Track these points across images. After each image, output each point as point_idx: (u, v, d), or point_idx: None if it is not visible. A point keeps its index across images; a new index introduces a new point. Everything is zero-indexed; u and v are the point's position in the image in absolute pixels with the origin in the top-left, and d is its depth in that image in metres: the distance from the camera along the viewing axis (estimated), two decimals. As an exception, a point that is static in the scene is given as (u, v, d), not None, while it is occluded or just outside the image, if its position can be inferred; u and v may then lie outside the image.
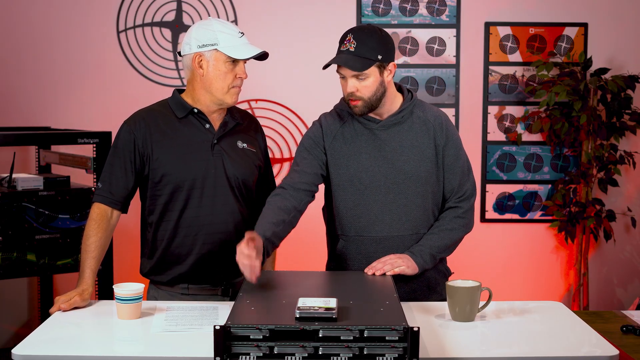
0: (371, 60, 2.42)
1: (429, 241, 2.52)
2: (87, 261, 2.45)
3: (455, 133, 2.59)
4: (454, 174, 2.56)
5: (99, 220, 2.47)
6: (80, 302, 2.33)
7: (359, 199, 2.53)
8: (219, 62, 2.46)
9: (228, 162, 2.52)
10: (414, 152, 2.52)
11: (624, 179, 4.46)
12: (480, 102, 4.41)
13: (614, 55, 4.43)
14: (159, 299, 2.55)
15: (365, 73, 2.42)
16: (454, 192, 2.57)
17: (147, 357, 1.93)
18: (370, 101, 2.46)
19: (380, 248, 2.53)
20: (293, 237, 2.58)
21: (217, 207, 2.51)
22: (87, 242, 2.46)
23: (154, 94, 4.19)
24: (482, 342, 2.10)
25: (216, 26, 2.47)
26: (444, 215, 2.58)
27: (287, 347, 1.80)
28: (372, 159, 2.52)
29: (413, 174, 2.52)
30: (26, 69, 4.35)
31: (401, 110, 2.54)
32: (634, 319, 2.60)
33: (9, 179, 3.45)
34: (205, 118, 2.53)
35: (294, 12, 4.39)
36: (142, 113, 2.55)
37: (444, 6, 4.38)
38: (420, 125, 2.55)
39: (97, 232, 2.46)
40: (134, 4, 4.35)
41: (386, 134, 2.53)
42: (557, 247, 4.51)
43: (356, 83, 2.44)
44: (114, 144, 2.53)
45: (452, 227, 2.55)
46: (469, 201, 2.58)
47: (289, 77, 4.38)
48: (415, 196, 2.53)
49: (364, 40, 2.42)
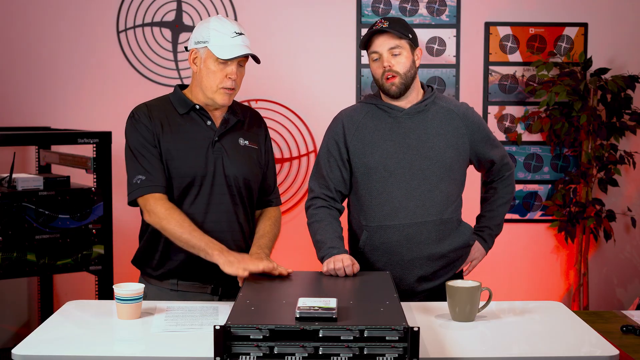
0: (405, 35, 2.57)
1: (492, 221, 2.79)
2: (199, 236, 2.37)
3: (480, 117, 2.74)
4: (489, 150, 2.72)
5: (167, 207, 2.40)
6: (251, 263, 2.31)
7: (383, 187, 2.59)
8: (209, 60, 2.45)
9: (227, 161, 2.51)
10: (439, 139, 2.61)
11: (624, 179, 4.46)
12: (480, 102, 4.42)
13: (614, 55, 4.43)
14: (148, 293, 2.53)
15: (400, 46, 2.57)
16: (496, 165, 2.75)
17: (147, 357, 1.93)
18: (406, 77, 2.59)
19: (403, 237, 2.59)
20: (293, 237, 2.58)
21: (212, 206, 2.50)
22: (176, 229, 2.37)
23: (154, 94, 4.15)
24: (482, 342, 2.10)
25: (212, 24, 2.46)
26: (497, 187, 2.80)
27: (287, 347, 1.80)
28: (397, 145, 2.59)
29: (438, 160, 2.59)
30: (26, 69, 4.35)
31: (424, 99, 2.64)
32: (634, 319, 2.60)
33: (9, 179, 3.45)
34: (206, 114, 2.52)
35: (294, 12, 4.39)
36: (142, 107, 2.53)
37: (444, 6, 4.38)
38: (444, 114, 2.65)
39: (174, 215, 2.39)
40: (134, 4, 4.35)
41: (411, 122, 2.61)
42: (557, 247, 4.51)
43: (391, 58, 2.57)
44: (131, 138, 2.48)
45: (505, 201, 2.79)
46: (510, 166, 2.79)
47: (289, 77, 4.38)
48: (439, 182, 2.60)
49: (395, 21, 2.59)
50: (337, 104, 4.33)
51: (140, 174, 2.44)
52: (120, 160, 4.01)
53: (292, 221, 4.29)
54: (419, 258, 2.60)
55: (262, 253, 2.45)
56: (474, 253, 2.75)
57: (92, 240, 3.53)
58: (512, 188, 2.82)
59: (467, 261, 2.74)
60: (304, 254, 3.91)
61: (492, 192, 2.81)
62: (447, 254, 2.64)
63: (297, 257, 3.71)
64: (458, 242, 2.66)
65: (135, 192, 2.45)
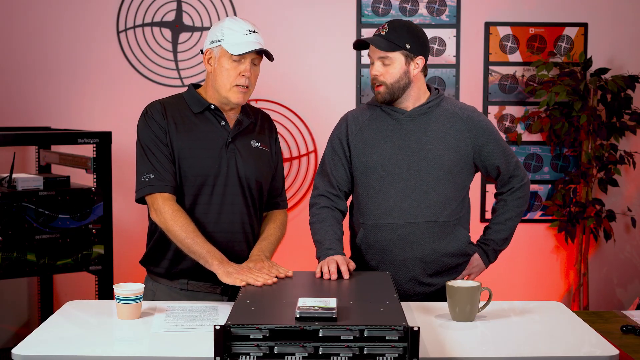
0: (398, 46, 2.52)
1: (497, 235, 2.72)
2: (202, 243, 2.37)
3: (486, 122, 2.67)
4: (498, 158, 2.66)
5: (174, 208, 2.41)
6: (250, 273, 2.30)
7: (380, 185, 2.60)
8: (223, 58, 2.46)
9: (240, 162, 2.51)
10: (439, 141, 2.59)
11: (624, 179, 4.46)
12: (480, 102, 4.42)
13: (614, 55, 4.43)
14: (156, 292, 2.54)
15: (390, 57, 2.53)
16: (503, 173, 2.69)
17: (147, 357, 1.93)
18: (393, 88, 2.56)
19: (397, 236, 2.58)
20: (294, 237, 2.59)
21: (225, 206, 2.50)
22: (179, 233, 2.38)
23: (154, 94, 4.19)
24: (482, 342, 2.10)
25: (226, 23, 2.48)
26: (507, 199, 2.72)
27: (287, 347, 1.80)
28: (396, 147, 2.59)
29: (436, 161, 2.58)
30: (26, 69, 4.35)
31: (428, 102, 2.62)
32: (634, 319, 2.60)
33: (9, 179, 3.45)
34: (221, 115, 2.53)
35: (294, 12, 4.39)
36: (157, 104, 2.52)
37: (444, 6, 4.38)
38: (447, 117, 2.62)
39: (180, 219, 2.39)
40: (134, 4, 4.35)
41: (413, 124, 2.61)
42: (557, 247, 4.51)
43: (381, 67, 2.55)
44: (143, 134, 2.48)
45: (514, 215, 2.72)
46: (521, 178, 2.71)
47: (289, 77, 4.38)
48: (436, 183, 2.58)
49: (396, 28, 2.55)
50: (337, 104, 4.34)
51: (149, 172, 2.44)
52: (120, 160, 4.02)
53: (292, 221, 4.28)
54: (411, 259, 2.59)
55: (262, 255, 2.46)
56: (472, 266, 2.71)
57: (92, 240, 3.53)
58: (522, 202, 2.72)
59: (463, 274, 2.69)
60: (304, 253, 3.91)
61: (501, 204, 2.75)
62: (440, 258, 2.61)
63: (298, 256, 3.71)
64: (453, 247, 2.62)
65: (143, 190, 2.45)
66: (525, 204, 2.75)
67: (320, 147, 4.35)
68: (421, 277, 2.61)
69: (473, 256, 2.70)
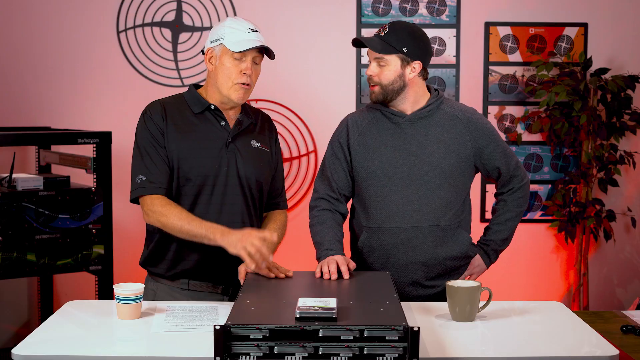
0: (394, 49, 2.52)
1: (498, 235, 2.73)
2: (199, 224, 2.38)
3: (486, 123, 2.67)
4: (498, 159, 2.66)
5: (164, 203, 2.41)
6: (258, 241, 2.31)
7: (381, 190, 2.60)
8: (225, 56, 2.46)
9: (241, 162, 2.52)
10: (439, 145, 2.59)
11: (624, 179, 4.46)
12: (480, 102, 4.42)
13: (614, 55, 4.43)
14: (157, 292, 2.54)
15: (385, 59, 2.53)
16: (503, 174, 2.69)
17: (147, 357, 1.93)
18: (387, 90, 2.56)
19: (400, 240, 2.58)
20: (294, 237, 2.59)
21: (225, 206, 2.51)
22: (175, 222, 2.39)
23: (154, 94, 4.19)
24: (482, 342, 2.10)
25: (228, 22, 2.49)
26: (507, 199, 2.73)
27: (287, 347, 1.80)
28: (397, 151, 2.59)
29: (437, 165, 2.58)
30: (26, 69, 4.35)
31: (427, 105, 2.61)
32: (634, 319, 2.60)
33: (9, 179, 3.45)
34: (221, 115, 2.53)
35: (294, 12, 4.39)
36: (157, 104, 2.53)
37: (444, 6, 4.38)
38: (447, 120, 2.62)
39: (172, 210, 2.40)
40: (134, 4, 4.35)
41: (412, 128, 2.60)
42: (557, 247, 4.51)
43: (376, 68, 2.56)
44: (140, 135, 2.48)
45: (514, 215, 2.73)
46: (521, 178, 2.72)
47: (289, 77, 4.38)
48: (437, 187, 2.58)
49: (396, 30, 2.54)
50: (337, 104, 4.35)
51: (142, 174, 2.45)
52: (120, 160, 4.02)
53: (292, 221, 4.27)
54: (414, 263, 2.59)
55: None
56: (473, 267, 2.72)
57: (92, 240, 3.53)
58: (522, 202, 2.73)
59: (464, 274, 2.70)
60: (304, 253, 3.91)
61: (501, 204, 2.75)
62: (443, 262, 2.62)
63: (297, 257, 3.71)
64: (455, 250, 2.63)
65: (135, 192, 2.46)
66: (525, 204, 2.75)
67: (320, 147, 4.35)
68: (423, 280, 2.62)
69: (474, 257, 2.71)
